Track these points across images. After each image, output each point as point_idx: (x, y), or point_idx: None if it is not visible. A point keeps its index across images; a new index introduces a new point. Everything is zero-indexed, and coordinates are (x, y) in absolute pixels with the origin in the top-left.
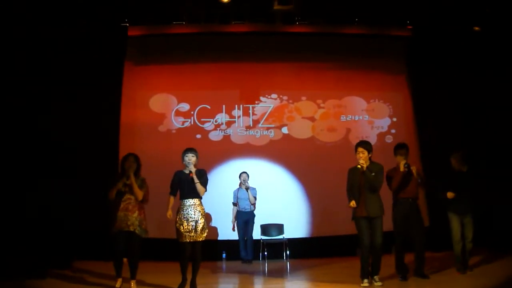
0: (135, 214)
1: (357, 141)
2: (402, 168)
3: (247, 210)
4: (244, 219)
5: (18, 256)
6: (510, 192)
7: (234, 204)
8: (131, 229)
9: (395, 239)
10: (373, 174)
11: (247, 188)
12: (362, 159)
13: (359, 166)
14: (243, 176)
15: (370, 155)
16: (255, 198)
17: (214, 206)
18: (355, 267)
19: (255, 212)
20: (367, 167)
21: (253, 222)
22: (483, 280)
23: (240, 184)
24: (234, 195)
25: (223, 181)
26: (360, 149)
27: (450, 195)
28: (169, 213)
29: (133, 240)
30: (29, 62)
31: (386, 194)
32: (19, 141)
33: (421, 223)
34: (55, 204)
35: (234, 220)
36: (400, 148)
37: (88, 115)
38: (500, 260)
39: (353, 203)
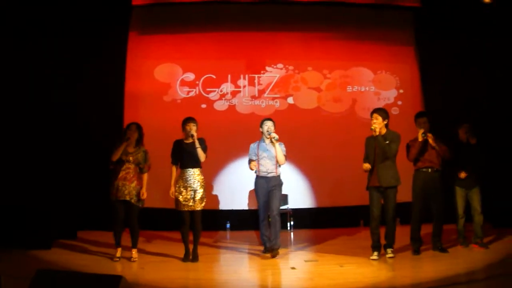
0: (133, 184)
1: (363, 112)
2: (420, 138)
3: (271, 174)
4: (266, 187)
5: (23, 227)
6: None
7: (250, 161)
8: (127, 198)
9: (412, 210)
10: (387, 142)
11: (273, 140)
12: (375, 124)
13: (371, 128)
14: (267, 124)
15: (385, 122)
16: (285, 156)
17: (217, 176)
18: (360, 238)
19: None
20: (382, 135)
21: (280, 192)
22: (495, 255)
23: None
24: (251, 152)
25: (227, 151)
26: (374, 115)
27: (462, 175)
28: (172, 191)
29: (131, 210)
30: (30, 31)
31: (406, 164)
32: (24, 114)
33: (440, 195)
34: (59, 174)
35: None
36: (418, 116)
37: (92, 85)
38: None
39: (365, 166)
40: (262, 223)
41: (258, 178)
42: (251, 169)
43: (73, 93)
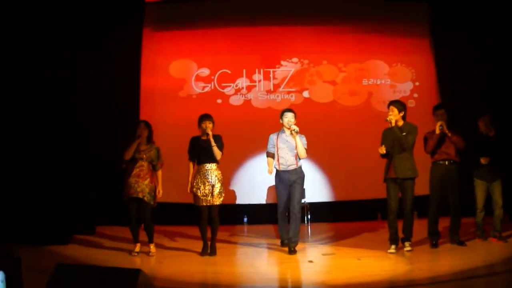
0: (146, 181)
1: (380, 105)
2: (437, 130)
3: (291, 167)
4: (287, 181)
5: (42, 223)
6: None
7: (270, 154)
8: (140, 196)
9: (430, 203)
10: (404, 133)
11: (293, 132)
12: (391, 115)
13: (386, 120)
14: (288, 116)
15: (401, 114)
16: (305, 149)
17: (234, 170)
18: (377, 232)
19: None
20: (399, 126)
21: (302, 186)
22: (510, 248)
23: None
24: (270, 143)
25: (243, 145)
26: (390, 107)
27: (484, 160)
28: (189, 187)
29: (143, 208)
30: (44, 28)
31: (423, 157)
32: (39, 111)
33: (458, 188)
34: (79, 170)
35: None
36: (436, 109)
37: (108, 83)
38: None
39: (381, 149)
40: (281, 216)
41: (279, 173)
42: (269, 172)
43: (88, 91)
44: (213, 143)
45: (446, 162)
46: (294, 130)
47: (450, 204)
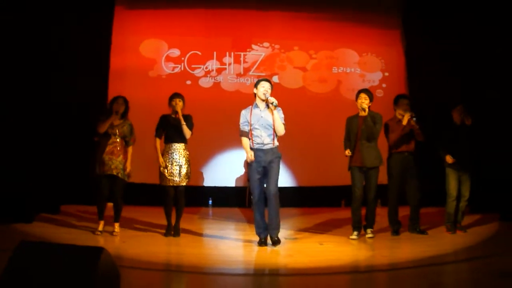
0: (120, 158)
1: (348, 93)
2: (405, 121)
3: (267, 146)
4: (262, 161)
5: (4, 201)
6: (498, 153)
7: (244, 133)
8: (115, 172)
9: (389, 192)
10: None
11: (271, 106)
12: (365, 104)
13: (362, 108)
14: (264, 86)
15: (370, 104)
16: (284, 124)
17: (201, 152)
18: (340, 218)
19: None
20: (366, 115)
21: (279, 167)
22: (474, 238)
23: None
24: (243, 120)
25: (211, 127)
26: (363, 95)
27: (449, 159)
28: (161, 161)
29: (117, 184)
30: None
31: (382, 145)
32: (5, 88)
33: (417, 178)
34: (42, 148)
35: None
36: (401, 97)
37: (77, 60)
38: (485, 219)
39: (348, 152)
40: (257, 205)
41: (253, 151)
42: (249, 159)
43: (57, 67)
44: (182, 122)
45: (406, 153)
46: (272, 103)
47: (410, 194)
